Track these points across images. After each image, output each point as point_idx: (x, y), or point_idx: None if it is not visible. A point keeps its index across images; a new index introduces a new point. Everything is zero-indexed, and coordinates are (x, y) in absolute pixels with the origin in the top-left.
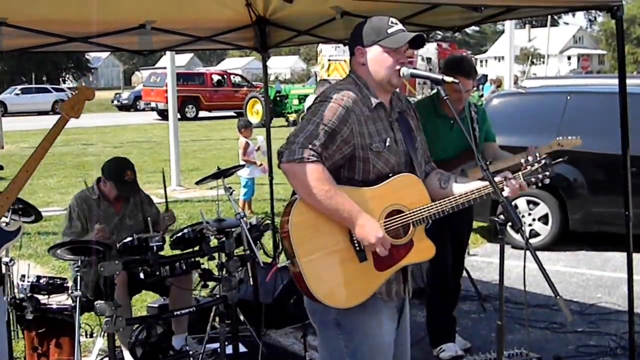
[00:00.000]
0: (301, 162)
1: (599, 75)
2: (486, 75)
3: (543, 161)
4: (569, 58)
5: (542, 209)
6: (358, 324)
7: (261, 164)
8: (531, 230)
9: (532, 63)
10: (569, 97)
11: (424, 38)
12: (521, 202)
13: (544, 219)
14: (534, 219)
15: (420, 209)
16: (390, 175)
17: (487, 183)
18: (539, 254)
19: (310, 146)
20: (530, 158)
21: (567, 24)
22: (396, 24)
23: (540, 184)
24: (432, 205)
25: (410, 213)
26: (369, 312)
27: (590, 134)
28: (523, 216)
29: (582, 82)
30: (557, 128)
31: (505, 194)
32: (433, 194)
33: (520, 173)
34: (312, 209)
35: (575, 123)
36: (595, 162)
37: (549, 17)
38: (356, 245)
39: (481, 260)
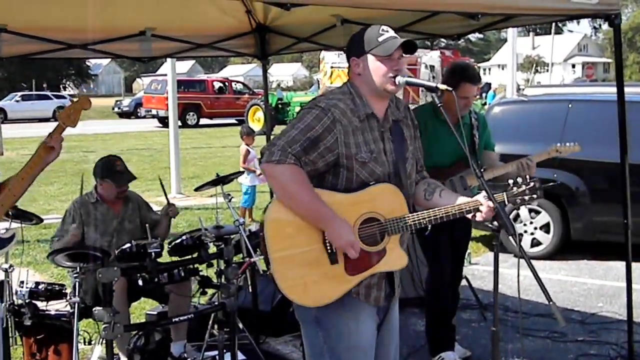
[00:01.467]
0: (278, 163)
1: (600, 84)
2: (489, 84)
3: (532, 183)
4: (573, 66)
5: (544, 217)
6: (336, 323)
7: (260, 174)
8: (533, 239)
9: (536, 71)
10: (570, 105)
11: (414, 43)
12: (523, 211)
13: (545, 228)
14: (535, 228)
15: (396, 219)
16: (372, 184)
17: (468, 200)
18: (541, 262)
19: (289, 149)
20: (519, 180)
21: (571, 31)
22: (387, 31)
23: (526, 205)
24: (408, 216)
25: (386, 222)
26: (347, 311)
27: (592, 142)
28: (524, 224)
29: (584, 90)
30: (559, 136)
31: (478, 216)
32: (417, 204)
33: (504, 193)
34: (288, 208)
35: (577, 131)
36: (597, 170)
37: (553, 25)
38: (328, 247)
39: (482, 269)
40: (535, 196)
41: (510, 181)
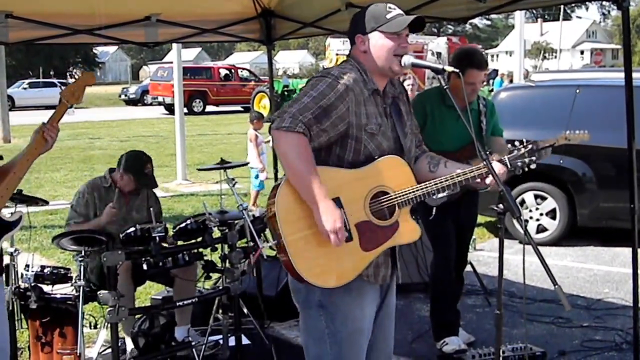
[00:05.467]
0: (288, 131)
1: (608, 69)
2: (496, 70)
3: (530, 146)
4: (581, 52)
5: (550, 203)
6: (341, 307)
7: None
8: (539, 225)
9: (544, 57)
10: (577, 91)
11: (424, 21)
12: (529, 197)
13: (551, 214)
14: (541, 214)
15: (405, 191)
16: (377, 158)
17: (473, 166)
18: (547, 249)
19: (300, 117)
20: (517, 142)
21: (580, 18)
22: (394, 9)
23: (526, 168)
24: (417, 187)
25: (395, 195)
26: (353, 295)
27: (600, 128)
28: (530, 210)
29: (592, 75)
30: (566, 122)
31: (488, 181)
32: (422, 177)
33: (506, 157)
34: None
35: (584, 116)
36: (604, 156)
37: (562, 10)
38: None
39: (487, 255)
40: (534, 158)
41: (509, 145)
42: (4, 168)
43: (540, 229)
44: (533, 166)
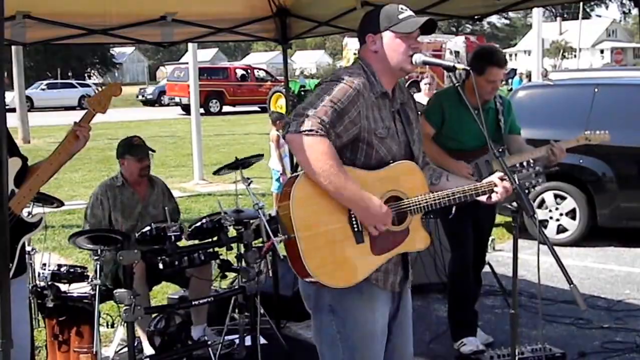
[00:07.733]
0: (309, 135)
1: (627, 68)
2: (515, 69)
3: (537, 167)
4: (601, 52)
5: (570, 203)
6: (352, 311)
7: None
8: (559, 226)
9: (564, 57)
10: (596, 90)
11: (435, 23)
12: (548, 197)
13: (571, 214)
14: (561, 214)
15: (418, 198)
16: (391, 161)
17: (482, 182)
18: (567, 249)
19: (319, 120)
20: (525, 163)
21: (599, 16)
22: (406, 10)
23: (527, 191)
24: (430, 196)
25: (408, 201)
26: (364, 299)
27: (619, 127)
28: (550, 210)
29: (611, 74)
30: (585, 121)
31: (493, 198)
32: None
33: (516, 175)
34: (314, 185)
35: (603, 116)
36: (624, 155)
37: (581, 9)
38: (354, 226)
39: (506, 255)
40: (540, 180)
41: (517, 164)
42: (31, 170)
43: (561, 229)
44: (532, 190)
